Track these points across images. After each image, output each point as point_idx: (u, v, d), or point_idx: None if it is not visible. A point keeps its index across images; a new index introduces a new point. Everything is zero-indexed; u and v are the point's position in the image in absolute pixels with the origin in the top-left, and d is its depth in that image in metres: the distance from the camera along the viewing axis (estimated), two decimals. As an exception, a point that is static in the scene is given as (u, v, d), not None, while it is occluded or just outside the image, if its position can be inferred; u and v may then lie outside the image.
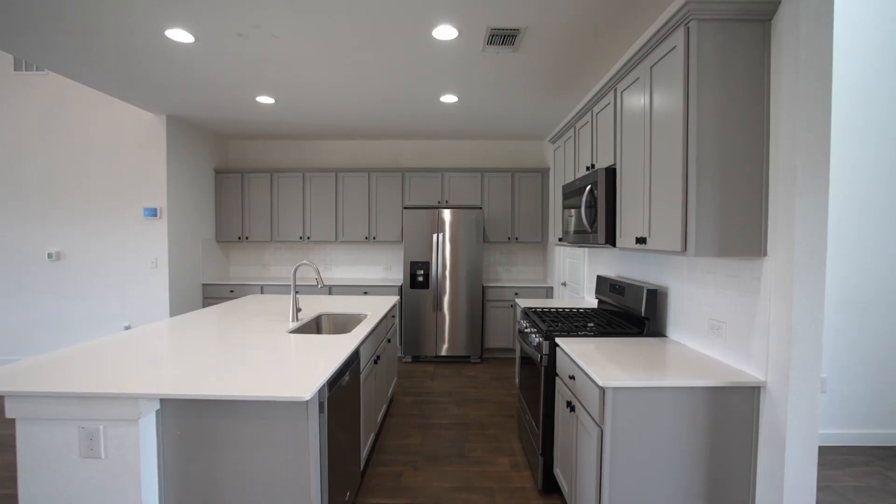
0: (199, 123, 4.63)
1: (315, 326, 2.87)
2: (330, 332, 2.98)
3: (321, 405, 1.60)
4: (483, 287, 4.81)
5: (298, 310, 2.69)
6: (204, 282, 4.92)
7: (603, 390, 1.59)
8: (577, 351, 1.94)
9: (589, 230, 2.35)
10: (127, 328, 4.41)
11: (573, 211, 2.67)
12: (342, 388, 1.89)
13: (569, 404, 1.93)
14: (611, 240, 2.23)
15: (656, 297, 2.27)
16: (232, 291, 4.92)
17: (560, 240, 3.31)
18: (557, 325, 2.43)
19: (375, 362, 2.64)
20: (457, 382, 4.08)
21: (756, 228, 1.55)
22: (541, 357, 2.26)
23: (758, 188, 1.55)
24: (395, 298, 3.51)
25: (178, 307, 4.49)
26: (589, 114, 2.64)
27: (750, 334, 1.63)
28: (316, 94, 3.66)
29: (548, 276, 5.11)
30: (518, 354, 3.35)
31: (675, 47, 1.62)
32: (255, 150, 5.50)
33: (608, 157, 2.33)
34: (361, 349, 2.25)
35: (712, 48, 1.52)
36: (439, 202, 5.05)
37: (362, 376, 2.28)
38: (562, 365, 2.10)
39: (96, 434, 1.43)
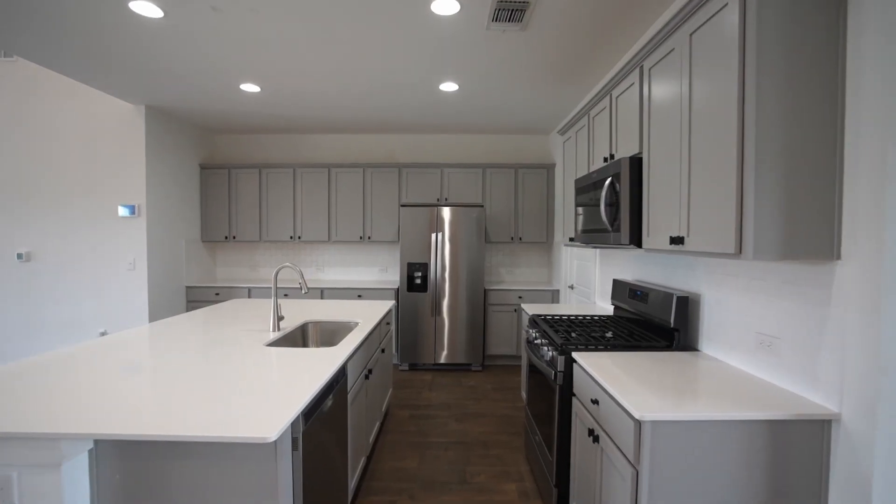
0: (182, 116, 4.33)
1: (300, 336, 2.58)
2: (316, 344, 2.69)
3: (294, 441, 1.31)
4: (485, 290, 4.53)
5: (280, 318, 2.40)
6: (188, 284, 4.62)
7: (639, 423, 1.30)
8: (598, 369, 1.65)
9: (609, 229, 2.06)
10: (102, 334, 4.10)
11: (588, 208, 2.38)
12: (324, 414, 1.60)
13: (591, 433, 1.65)
14: (635, 239, 1.94)
15: (687, 306, 1.98)
16: (217, 295, 4.62)
17: (571, 240, 3.03)
18: (571, 336, 2.15)
19: (367, 377, 2.35)
20: (457, 393, 3.79)
21: (827, 227, 1.27)
22: (555, 374, 1.97)
23: (830, 180, 1.27)
24: (390, 303, 3.22)
25: (158, 311, 4.19)
26: (607, 98, 2.35)
27: (815, 354, 1.35)
28: (304, 81, 3.36)
29: (553, 279, 4.82)
30: (525, 364, 3.07)
31: (725, 5, 1.33)
32: (243, 145, 5.20)
33: (631, 145, 2.04)
34: (349, 365, 1.96)
35: (773, 7, 1.24)
36: (438, 199, 4.77)
37: (350, 396, 1.99)
38: (581, 384, 1.81)
39: (7, 483, 1.14)
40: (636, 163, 1.94)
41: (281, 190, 4.85)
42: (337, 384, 1.76)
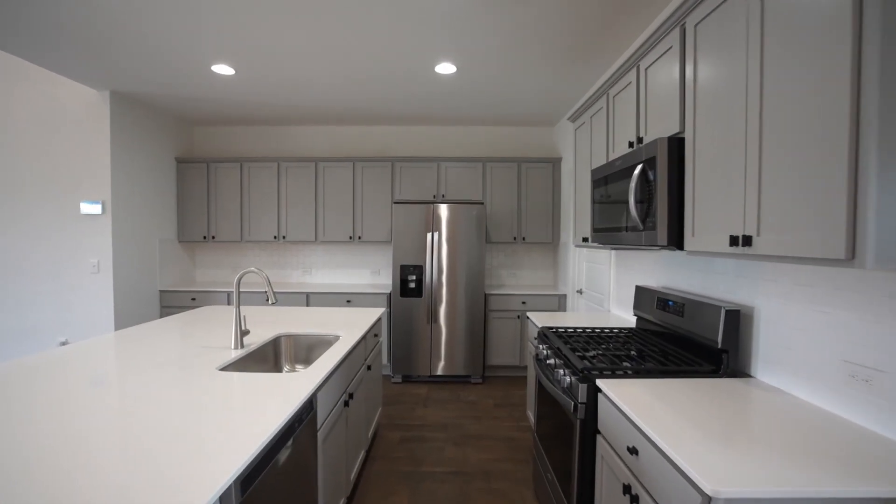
0: (153, 104, 3.94)
1: (271, 353, 2.21)
2: (290, 361, 2.31)
3: (225, 522, 0.93)
4: (485, 295, 4.15)
5: (245, 332, 2.02)
6: (161, 288, 4.24)
7: (709, 500, 0.92)
8: (635, 404, 1.28)
9: (640, 226, 1.69)
10: (63, 343, 3.72)
11: (608, 202, 2.01)
12: (278, 469, 1.22)
13: (627, 490, 1.27)
14: (674, 239, 1.57)
15: (738, 322, 1.61)
16: (194, 300, 4.23)
17: (584, 240, 2.65)
18: (590, 355, 1.77)
19: (347, 404, 1.97)
20: (454, 410, 3.41)
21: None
22: (575, 406, 1.60)
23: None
24: (379, 311, 2.85)
25: (127, 318, 3.80)
26: (633, 71, 1.98)
27: (947, 398, 0.98)
28: (283, 62, 2.98)
29: (559, 283, 4.45)
30: (532, 383, 2.70)
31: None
32: (223, 138, 4.82)
33: (667, 124, 1.67)
34: (321, 395, 1.58)
35: None
36: (435, 196, 4.39)
37: (322, 433, 1.61)
38: (610, 423, 1.44)
39: None
40: (676, 144, 1.56)
41: (264, 186, 4.46)
42: (301, 423, 1.39)
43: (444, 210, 3.96)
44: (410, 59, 2.94)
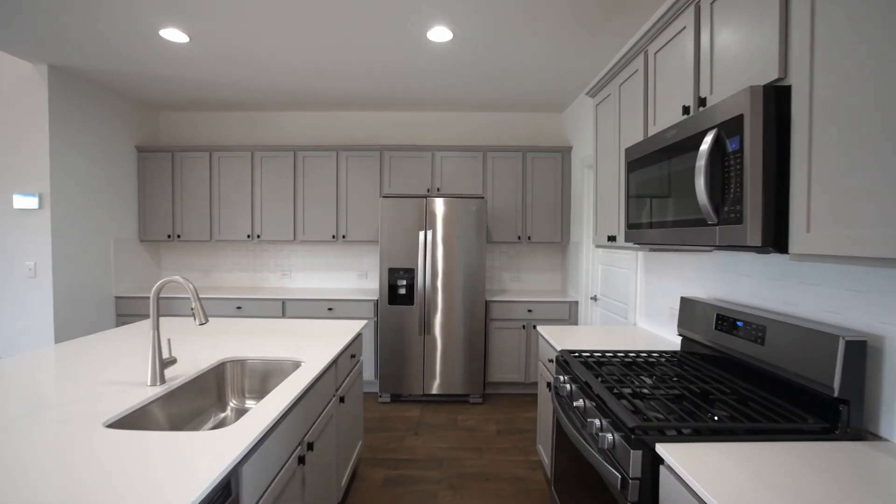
0: (106, 83, 3.42)
1: (213, 383, 1.70)
2: (238, 395, 1.80)
3: None
4: (486, 302, 3.64)
5: (169, 361, 1.51)
6: (118, 294, 3.72)
7: None
8: (724, 491, 0.78)
9: (712, 218, 1.18)
10: (-5, 360, 3.19)
11: (654, 190, 1.51)
12: None
13: None
14: (772, 238, 1.06)
15: (864, 359, 1.10)
16: (154, 307, 3.71)
17: (610, 239, 2.15)
18: (628, 390, 1.27)
19: (302, 460, 1.46)
20: (451, 439, 2.91)
21: None
22: (623, 479, 1.09)
23: None
24: (360, 325, 2.34)
25: (71, 329, 3.28)
26: (687, 14, 1.47)
27: None
28: (244, 24, 2.47)
29: (569, 287, 3.95)
30: (549, 419, 2.20)
31: None
32: (191, 124, 4.30)
33: (755, 69, 1.17)
34: (249, 467, 1.07)
35: None
36: (429, 190, 3.88)
37: (252, 522, 1.10)
38: (686, 520, 0.93)
39: None
40: (775, 96, 1.06)
41: (236, 178, 3.95)
42: (203, 526, 0.87)
43: (439, 205, 3.45)
44: (398, 19, 2.43)
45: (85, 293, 3.42)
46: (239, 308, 3.69)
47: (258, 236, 3.95)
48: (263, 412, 1.22)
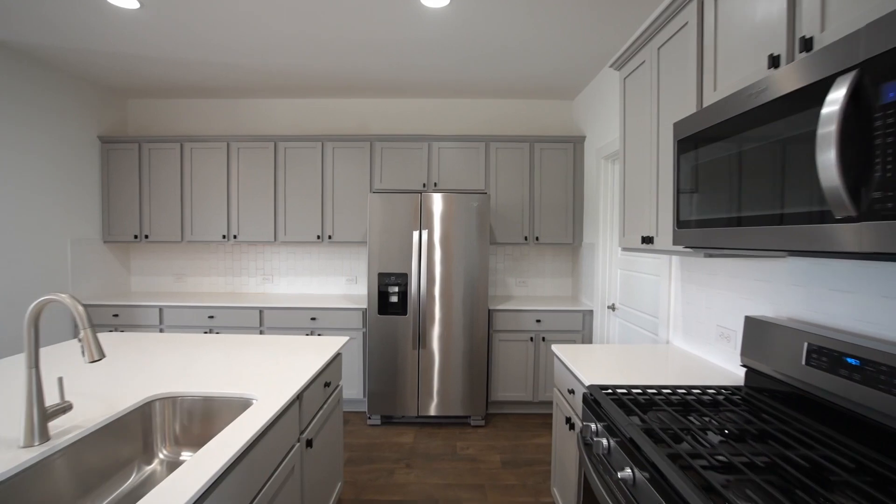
0: (58, 64, 3.01)
1: (139, 429, 1.29)
2: (169, 444, 1.39)
3: None
4: (489, 311, 3.23)
5: (60, 408, 1.10)
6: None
7: None
8: None
9: (848, 210, 0.77)
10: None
11: (728, 172, 1.09)
12: None
13: None
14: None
15: None
16: (116, 316, 3.31)
17: (645, 241, 1.74)
18: (701, 462, 0.86)
19: (237, 551, 1.04)
20: (448, 473, 2.49)
21: None
22: None
23: None
24: (340, 342, 1.92)
25: (14, 344, 2.87)
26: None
27: None
28: (200, -19, 2.06)
29: (581, 294, 3.53)
30: (574, 470, 1.79)
31: None
32: (162, 113, 3.89)
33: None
34: None
35: None
36: (425, 185, 3.47)
37: None
38: None
39: None
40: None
41: (211, 172, 3.54)
42: None
43: (436, 202, 3.04)
44: (383, -24, 2.02)
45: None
46: (211, 317, 3.27)
47: (235, 237, 3.54)
48: (182, 485, 0.81)
